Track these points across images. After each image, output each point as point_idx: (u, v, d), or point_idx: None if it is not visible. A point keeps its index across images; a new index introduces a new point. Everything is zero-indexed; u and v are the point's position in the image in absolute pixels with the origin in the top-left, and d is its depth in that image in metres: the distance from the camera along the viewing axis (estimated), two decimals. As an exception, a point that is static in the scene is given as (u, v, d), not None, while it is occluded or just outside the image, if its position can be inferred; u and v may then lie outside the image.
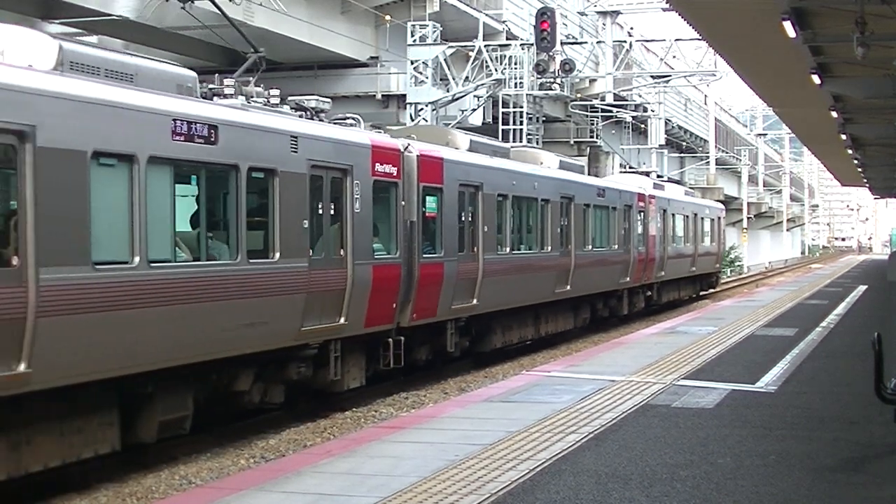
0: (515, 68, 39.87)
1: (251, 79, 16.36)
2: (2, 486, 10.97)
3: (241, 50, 22.33)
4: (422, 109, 37.31)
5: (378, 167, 17.44)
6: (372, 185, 17.14)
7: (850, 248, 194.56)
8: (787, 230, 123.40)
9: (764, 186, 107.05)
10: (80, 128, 11.37)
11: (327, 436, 14.92)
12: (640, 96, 55.21)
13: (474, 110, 39.98)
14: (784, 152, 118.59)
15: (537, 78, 39.89)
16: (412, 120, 36.97)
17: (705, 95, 77.30)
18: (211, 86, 15.02)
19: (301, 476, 9.39)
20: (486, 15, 40.61)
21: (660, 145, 57.75)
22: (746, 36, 22.10)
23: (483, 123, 40.87)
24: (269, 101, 15.96)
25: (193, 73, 14.13)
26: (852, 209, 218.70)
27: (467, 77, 38.76)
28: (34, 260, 10.69)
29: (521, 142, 40.08)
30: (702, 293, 44.28)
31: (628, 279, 31.99)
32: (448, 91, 38.40)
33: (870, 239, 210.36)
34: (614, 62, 45.95)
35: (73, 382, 11.40)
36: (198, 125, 13.19)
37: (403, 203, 18.29)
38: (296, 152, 15.17)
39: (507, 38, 41.34)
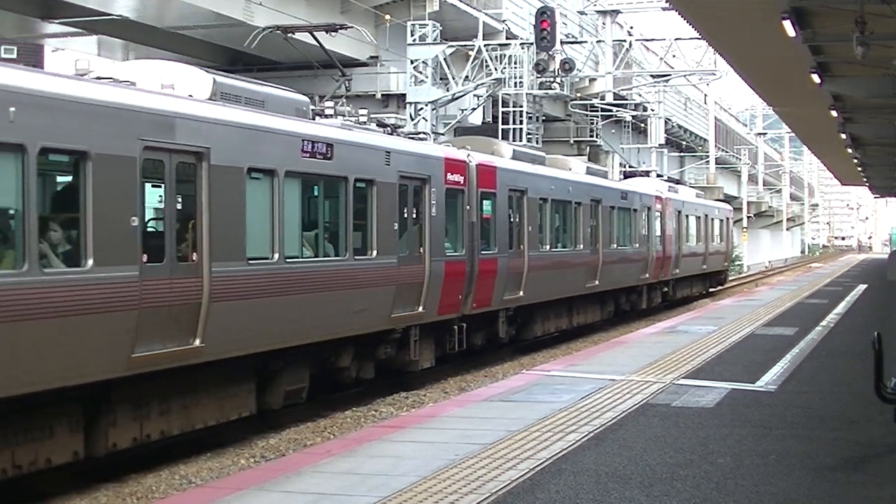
0: (515, 68, 39.86)
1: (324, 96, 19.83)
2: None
3: (240, 49, 23.35)
4: (422, 109, 37.31)
5: (449, 176, 20.31)
6: (444, 192, 20.00)
7: (849, 248, 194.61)
8: (787, 229, 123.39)
9: (764, 186, 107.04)
10: (238, 149, 14.02)
11: (327, 435, 14.92)
12: (639, 95, 55.20)
13: (474, 109, 39.97)
14: (784, 151, 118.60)
15: (537, 77, 39.89)
16: (412, 119, 36.97)
17: (705, 95, 77.29)
18: (312, 107, 17.30)
19: (301, 475, 9.39)
20: (486, 14, 40.60)
21: (660, 144, 57.75)
22: (746, 35, 22.11)
23: (483, 123, 40.87)
24: (358, 120, 18.69)
25: (307, 98, 16.86)
26: (852, 208, 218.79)
27: (467, 76, 38.74)
28: (208, 256, 13.30)
29: (521, 141, 40.09)
30: (710, 290, 46.14)
31: (647, 276, 34.33)
32: (448, 90, 38.39)
33: (870, 238, 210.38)
34: (614, 61, 45.93)
35: (232, 355, 13.95)
36: (319, 144, 15.93)
37: (468, 207, 21.06)
38: (388, 165, 17.98)
39: (507, 38, 41.34)
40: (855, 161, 52.61)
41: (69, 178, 11.92)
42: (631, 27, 56.71)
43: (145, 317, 12.16)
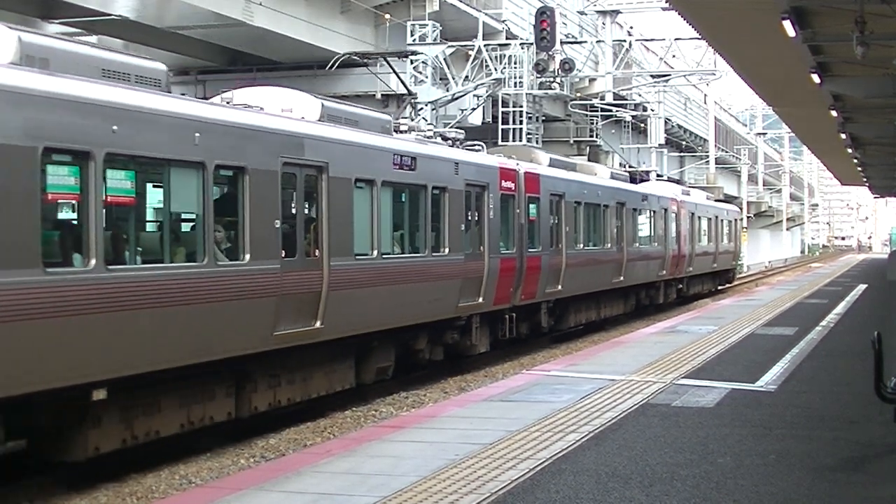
0: (515, 68, 39.87)
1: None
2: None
3: (240, 50, 24.00)
4: (421, 109, 37.29)
5: (503, 183, 23.02)
6: (500, 198, 22.69)
7: (849, 248, 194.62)
8: (787, 229, 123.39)
9: (764, 185, 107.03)
10: (348, 162, 16.74)
11: (327, 435, 14.92)
12: (639, 95, 55.20)
13: (474, 109, 39.97)
14: (784, 151, 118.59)
15: (537, 77, 39.90)
16: (412, 120, 36.94)
17: (705, 95, 77.28)
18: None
19: (301, 475, 9.39)
20: (486, 14, 40.60)
21: (659, 144, 57.73)
22: (746, 35, 22.10)
23: (483, 123, 40.89)
24: (426, 135, 21.36)
25: (389, 117, 19.70)
26: (852, 208, 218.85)
27: (467, 76, 38.75)
28: (327, 252, 16.03)
29: (521, 141, 40.10)
30: (719, 287, 48.69)
31: (664, 273, 36.99)
32: (448, 90, 38.39)
33: (870, 238, 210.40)
34: (614, 61, 45.94)
35: (341, 336, 16.50)
36: (405, 157, 18.71)
37: (517, 210, 23.67)
38: (457, 174, 20.75)
39: (507, 38, 41.34)
40: (855, 161, 52.60)
41: (232, 189, 14.36)
42: (631, 27, 56.72)
43: (283, 302, 14.77)
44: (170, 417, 13.35)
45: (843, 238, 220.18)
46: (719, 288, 48.25)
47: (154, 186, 13.35)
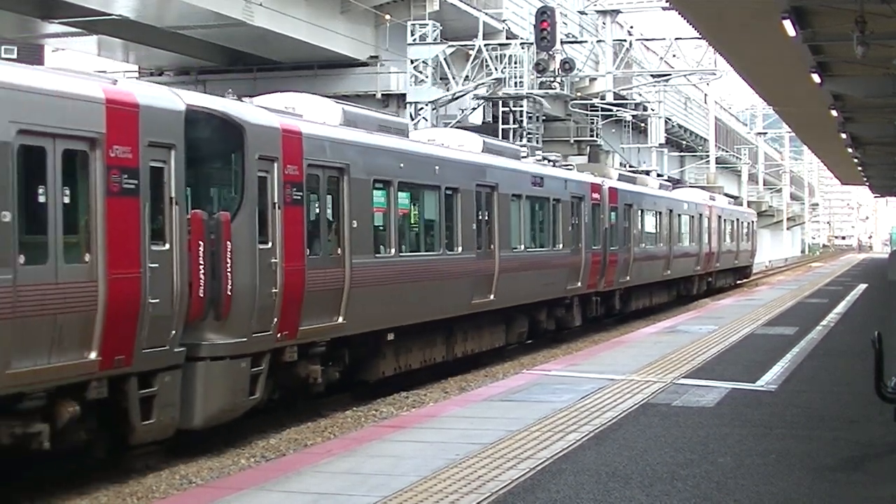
0: (515, 67, 39.86)
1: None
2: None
3: (240, 50, 23.94)
4: (422, 109, 37.31)
5: (593, 195, 29.46)
6: (591, 206, 29.08)
7: (850, 247, 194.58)
8: (788, 229, 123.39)
9: (764, 185, 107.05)
10: (512, 183, 23.74)
11: (328, 435, 14.91)
12: (640, 95, 55.22)
13: (474, 109, 39.97)
14: (784, 151, 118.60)
15: (537, 77, 39.89)
16: (412, 119, 36.97)
17: (705, 94, 77.30)
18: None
19: (301, 475, 9.39)
20: (486, 14, 40.61)
21: (660, 144, 57.77)
22: (746, 35, 22.10)
23: (483, 122, 40.87)
24: (538, 158, 29.31)
25: (520, 148, 28.58)
26: (852, 208, 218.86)
27: (467, 76, 38.76)
28: (497, 246, 22.50)
29: (521, 141, 40.09)
30: (738, 281, 54.09)
31: (699, 268, 42.97)
32: (448, 90, 38.39)
33: (870, 238, 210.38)
34: (614, 61, 45.94)
35: (501, 307, 22.84)
36: (538, 177, 25.79)
37: (602, 216, 30.17)
38: (566, 189, 27.45)
39: (507, 38, 41.35)
40: (855, 161, 52.59)
41: (454, 203, 20.87)
42: (631, 27, 56.74)
43: (475, 281, 21.42)
44: (415, 356, 19.65)
45: (843, 238, 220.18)
46: (738, 283, 53.95)
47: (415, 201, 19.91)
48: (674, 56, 49.79)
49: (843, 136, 38.04)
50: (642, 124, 57.26)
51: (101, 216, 11.69)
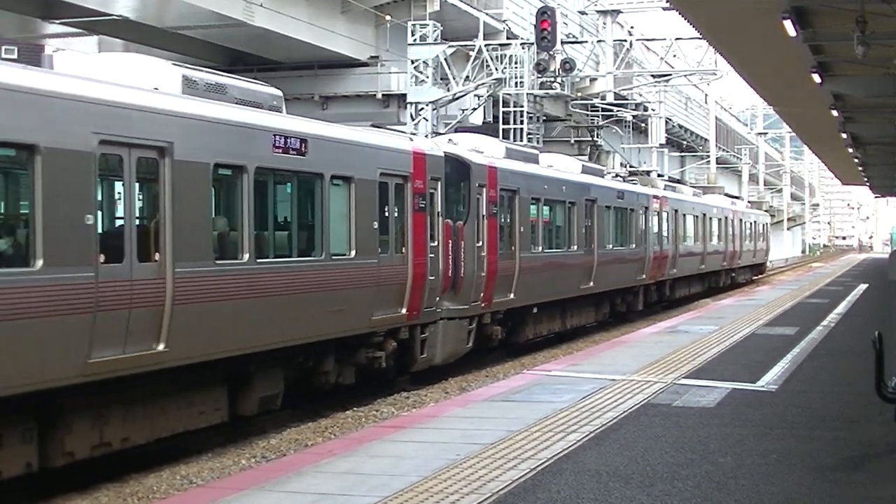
0: (516, 67, 39.87)
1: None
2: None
3: (240, 50, 23.85)
4: (422, 109, 37.31)
5: (654, 205, 36.11)
6: (654, 213, 35.84)
7: (850, 247, 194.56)
8: (788, 229, 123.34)
9: (764, 185, 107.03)
10: (603, 195, 29.90)
11: (328, 435, 14.91)
12: (640, 95, 55.21)
13: (475, 109, 39.97)
14: (784, 151, 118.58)
15: (538, 77, 39.89)
16: (412, 119, 36.99)
17: (706, 94, 77.29)
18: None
19: (302, 475, 9.39)
20: (487, 14, 40.61)
21: (660, 144, 57.75)
22: (747, 35, 22.11)
23: (483, 123, 40.87)
24: (616, 175, 37.12)
25: (603, 167, 35.77)
26: (853, 208, 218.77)
27: (468, 76, 38.75)
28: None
29: (521, 141, 40.08)
30: (755, 277, 60.52)
31: (725, 264, 49.63)
32: (448, 90, 38.39)
33: (870, 238, 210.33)
34: (615, 61, 45.94)
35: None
36: (620, 191, 32.14)
37: (658, 220, 36.33)
38: (637, 200, 34.21)
39: (508, 38, 41.35)
40: (855, 161, 52.63)
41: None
42: (631, 27, 56.73)
43: (582, 271, 27.59)
44: (545, 326, 26.01)
45: (843, 238, 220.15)
46: (755, 277, 60.47)
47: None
48: (674, 56, 49.82)
49: (844, 136, 38.07)
50: (643, 124, 57.23)
51: (410, 224, 18.70)
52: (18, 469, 11.31)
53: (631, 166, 52.79)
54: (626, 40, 46.81)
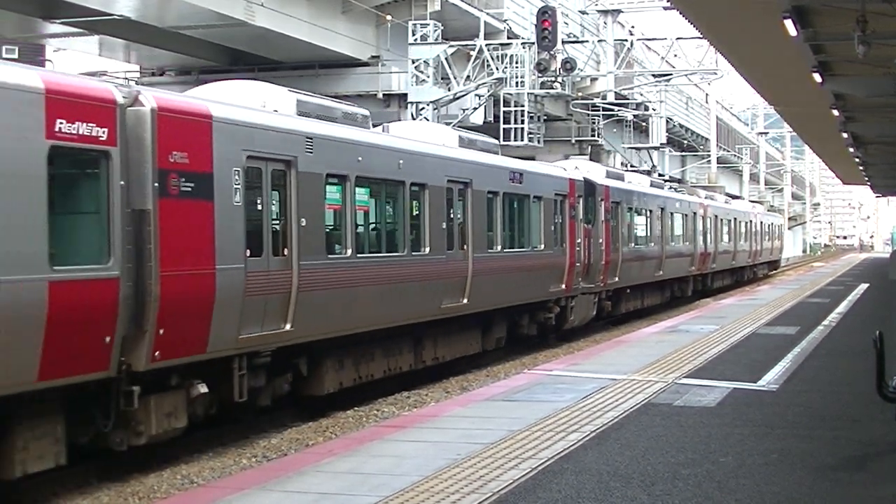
0: (517, 67, 39.85)
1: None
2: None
3: (241, 50, 23.71)
4: (423, 109, 37.30)
5: (699, 211, 43.42)
6: (701, 218, 42.97)
7: (851, 247, 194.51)
8: (789, 228, 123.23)
9: (765, 185, 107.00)
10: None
11: (329, 435, 14.92)
12: (641, 95, 55.19)
13: (475, 109, 39.95)
14: (785, 151, 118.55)
15: (538, 77, 39.88)
16: (413, 119, 36.93)
17: (706, 94, 77.26)
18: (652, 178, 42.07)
19: (303, 475, 9.40)
20: (488, 14, 40.59)
21: (661, 144, 57.73)
22: (747, 34, 22.10)
23: (484, 122, 40.87)
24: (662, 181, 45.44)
25: (652, 177, 43.36)
26: (854, 207, 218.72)
27: (468, 76, 38.74)
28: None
29: (522, 141, 40.11)
30: (771, 272, 68.99)
31: (750, 260, 57.97)
32: (449, 90, 38.38)
33: (871, 237, 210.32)
34: (615, 61, 45.93)
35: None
36: (670, 200, 39.10)
37: (704, 224, 43.85)
38: (689, 207, 41.59)
39: (509, 37, 41.33)
40: (856, 160, 52.58)
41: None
42: (632, 27, 56.72)
43: (657, 264, 35.49)
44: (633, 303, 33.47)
45: (844, 237, 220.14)
46: (771, 272, 69.33)
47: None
48: (675, 56, 49.76)
49: (845, 135, 38.03)
50: (643, 124, 57.24)
51: (567, 227, 26.57)
52: (407, 366, 19.02)
53: (632, 166, 52.82)
54: (626, 40, 46.79)
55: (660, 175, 53.10)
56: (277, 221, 15.07)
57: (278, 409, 16.04)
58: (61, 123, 11.29)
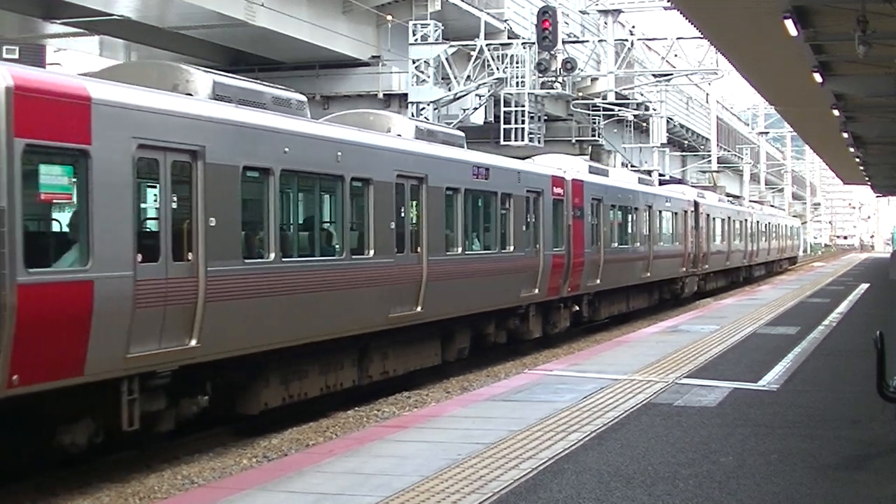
0: (517, 67, 39.85)
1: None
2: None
3: (242, 50, 23.61)
4: (423, 109, 37.30)
5: (749, 218, 55.86)
6: (742, 223, 53.61)
7: (851, 247, 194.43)
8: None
9: (766, 185, 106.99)
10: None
11: (330, 435, 14.91)
12: (641, 95, 55.19)
13: (476, 109, 39.96)
14: (786, 150, 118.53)
15: (539, 77, 39.87)
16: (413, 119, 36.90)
17: (707, 94, 77.26)
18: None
19: (303, 475, 9.39)
20: (488, 14, 40.61)
21: (661, 144, 57.74)
22: (748, 34, 22.11)
23: (484, 122, 40.88)
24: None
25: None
26: (854, 207, 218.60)
27: (469, 76, 38.74)
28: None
29: (522, 141, 40.09)
30: (790, 266, 79.13)
31: (777, 255, 69.34)
32: (449, 90, 38.38)
33: (872, 237, 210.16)
34: (616, 61, 45.92)
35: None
36: (739, 211, 54.53)
37: (745, 229, 54.39)
38: (739, 214, 53.50)
39: (509, 37, 41.34)
40: (857, 160, 52.62)
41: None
42: (633, 26, 56.69)
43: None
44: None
45: (845, 237, 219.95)
46: (790, 266, 79.64)
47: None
48: (675, 56, 49.74)
49: (845, 135, 38.07)
50: (644, 124, 57.24)
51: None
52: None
53: (633, 166, 52.82)
54: (627, 40, 46.78)
55: (660, 175, 53.07)
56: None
57: (279, 410, 15.93)
58: None
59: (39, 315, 10.71)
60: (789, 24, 18.77)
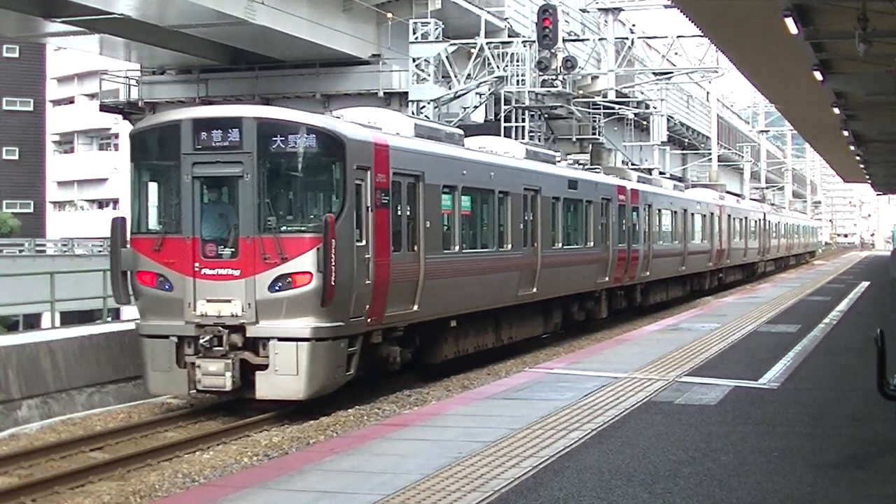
0: (517, 65, 39.82)
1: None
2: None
3: (242, 48, 23.88)
4: (423, 107, 37.28)
5: (776, 219, 64.98)
6: (762, 223, 59.28)
7: (852, 245, 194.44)
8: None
9: (766, 183, 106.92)
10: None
11: (330, 433, 14.92)
12: (642, 93, 55.14)
13: (476, 108, 39.92)
14: (786, 149, 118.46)
15: (539, 75, 39.84)
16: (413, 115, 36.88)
17: (707, 92, 77.19)
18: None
19: (304, 474, 9.40)
20: (488, 12, 40.56)
21: (662, 142, 57.70)
22: (748, 33, 22.09)
23: (485, 121, 40.84)
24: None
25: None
26: (854, 205, 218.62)
27: (469, 74, 38.72)
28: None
29: (523, 139, 40.03)
30: (810, 259, 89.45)
31: (799, 250, 77.80)
32: (450, 88, 38.35)
33: (872, 235, 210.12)
34: (616, 59, 45.89)
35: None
36: (767, 213, 62.56)
37: (769, 229, 61.29)
38: (756, 216, 57.66)
39: (509, 36, 41.29)
40: (857, 158, 52.55)
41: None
42: (633, 25, 56.65)
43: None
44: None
45: (845, 235, 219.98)
46: (809, 259, 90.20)
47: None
48: (676, 54, 49.64)
49: (845, 133, 38.00)
50: (644, 122, 57.20)
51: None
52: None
53: (633, 164, 52.80)
54: (627, 38, 46.74)
55: (661, 173, 53.05)
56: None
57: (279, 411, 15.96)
58: None
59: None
60: (790, 23, 18.74)
